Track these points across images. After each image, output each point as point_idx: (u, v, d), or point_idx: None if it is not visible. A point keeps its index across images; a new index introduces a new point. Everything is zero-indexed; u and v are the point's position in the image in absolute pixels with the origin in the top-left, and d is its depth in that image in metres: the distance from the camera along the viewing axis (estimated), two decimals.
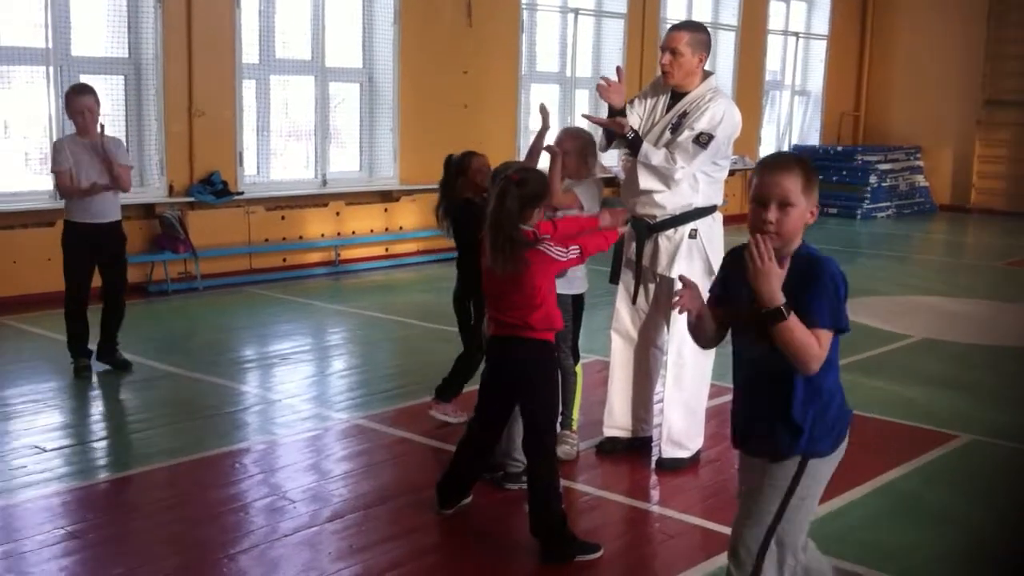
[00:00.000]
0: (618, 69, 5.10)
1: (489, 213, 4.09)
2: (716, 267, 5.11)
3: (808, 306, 2.85)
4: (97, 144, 6.43)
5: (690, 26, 5.14)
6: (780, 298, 2.80)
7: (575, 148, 5.07)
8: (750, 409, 3.12)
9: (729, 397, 3.29)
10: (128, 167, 6.67)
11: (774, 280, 2.80)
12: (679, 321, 5.07)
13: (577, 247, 4.16)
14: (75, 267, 6.59)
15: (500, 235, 4.04)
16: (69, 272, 6.60)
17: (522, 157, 6.49)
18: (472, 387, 5.09)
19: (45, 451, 5.25)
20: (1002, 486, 5.22)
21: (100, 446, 5.47)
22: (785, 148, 16.99)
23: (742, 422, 3.17)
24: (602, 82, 4.97)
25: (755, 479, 3.11)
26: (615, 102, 4.97)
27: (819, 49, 17.26)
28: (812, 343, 2.84)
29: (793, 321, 2.81)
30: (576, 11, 13.13)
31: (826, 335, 2.87)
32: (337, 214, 10.68)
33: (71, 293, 6.61)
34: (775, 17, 16.29)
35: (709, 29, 5.26)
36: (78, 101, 6.43)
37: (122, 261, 6.84)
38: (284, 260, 10.30)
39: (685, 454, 5.18)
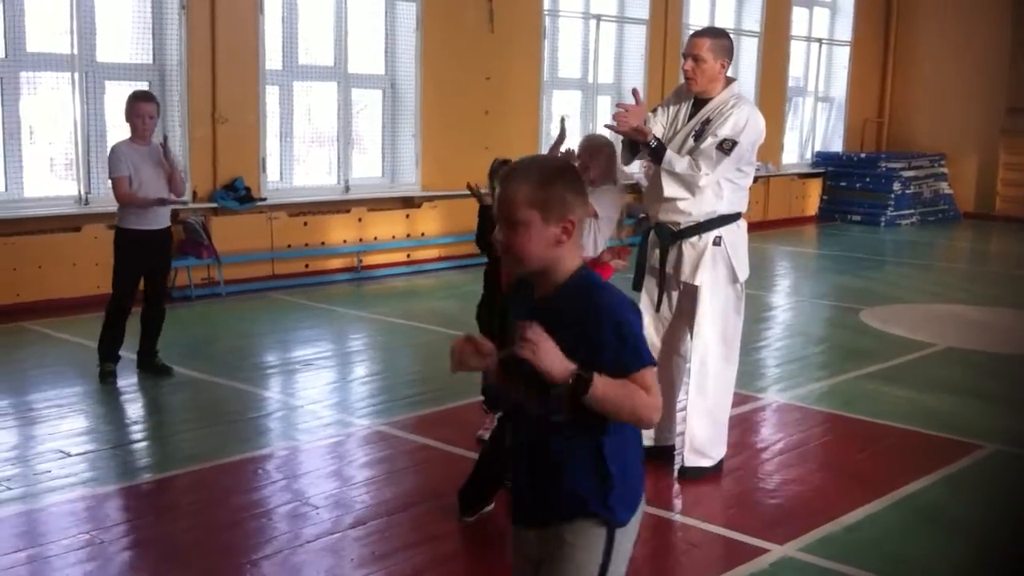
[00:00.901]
0: (635, 91, 4.95)
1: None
2: (740, 275, 5.10)
3: (609, 355, 2.34)
4: (156, 150, 6.53)
5: (712, 32, 5.14)
6: (568, 365, 2.28)
7: (591, 156, 5.06)
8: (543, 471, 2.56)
9: (752, 406, 3.25)
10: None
11: (551, 354, 2.27)
12: (702, 329, 5.07)
13: None
14: (126, 275, 6.59)
15: None
16: (120, 280, 6.60)
17: None
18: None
19: (70, 456, 5.28)
20: None
21: (124, 451, 5.48)
22: (808, 155, 16.97)
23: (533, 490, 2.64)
24: (620, 110, 4.80)
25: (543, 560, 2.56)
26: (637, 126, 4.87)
27: (842, 55, 17.18)
28: (637, 395, 2.35)
29: (600, 385, 2.30)
30: (598, 17, 13.12)
31: (650, 373, 2.40)
32: (359, 220, 10.71)
33: (117, 301, 6.60)
34: (798, 23, 16.23)
35: (731, 35, 5.24)
36: (141, 106, 6.48)
37: (168, 267, 6.96)
38: (306, 266, 10.33)
39: (708, 463, 5.16)
